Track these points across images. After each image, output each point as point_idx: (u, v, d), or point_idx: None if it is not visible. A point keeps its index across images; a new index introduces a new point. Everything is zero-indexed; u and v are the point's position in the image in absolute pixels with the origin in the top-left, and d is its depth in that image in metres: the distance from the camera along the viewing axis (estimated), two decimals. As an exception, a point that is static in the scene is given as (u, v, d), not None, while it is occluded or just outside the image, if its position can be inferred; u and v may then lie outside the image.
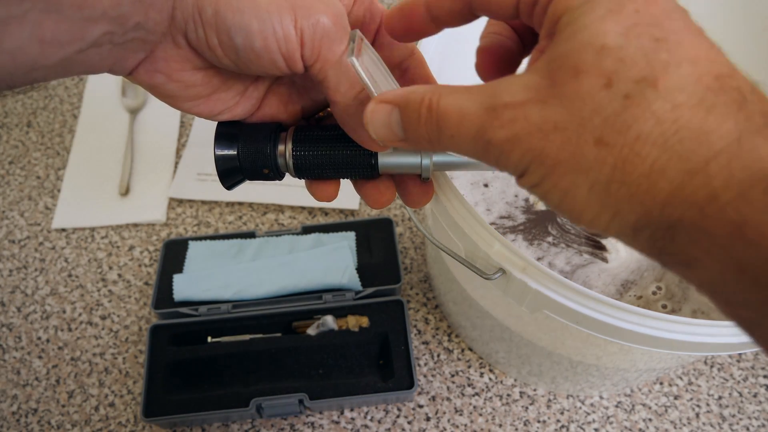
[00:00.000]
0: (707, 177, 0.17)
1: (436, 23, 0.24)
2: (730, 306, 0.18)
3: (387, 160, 0.29)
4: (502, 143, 0.19)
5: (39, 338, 0.55)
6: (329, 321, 0.50)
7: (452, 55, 0.44)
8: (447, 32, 0.42)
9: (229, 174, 0.29)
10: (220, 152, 0.29)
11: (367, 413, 0.49)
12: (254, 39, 0.23)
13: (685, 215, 0.17)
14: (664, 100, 0.17)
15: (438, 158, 0.29)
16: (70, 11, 0.21)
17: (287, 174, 0.30)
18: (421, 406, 0.49)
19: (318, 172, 0.29)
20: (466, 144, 0.21)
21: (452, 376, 0.51)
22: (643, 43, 0.18)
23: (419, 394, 0.50)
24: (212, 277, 0.54)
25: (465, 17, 0.23)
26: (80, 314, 0.56)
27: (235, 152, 0.29)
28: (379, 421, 0.49)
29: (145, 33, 0.23)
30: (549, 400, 0.49)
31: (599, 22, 0.18)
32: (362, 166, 0.29)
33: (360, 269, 0.54)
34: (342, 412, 0.49)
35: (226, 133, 0.29)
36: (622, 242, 0.20)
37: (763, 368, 0.51)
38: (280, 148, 0.29)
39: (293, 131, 0.29)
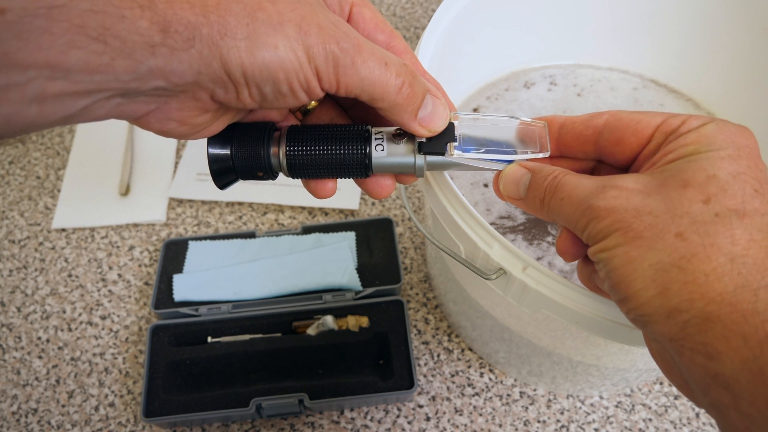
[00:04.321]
0: (755, 296, 0.21)
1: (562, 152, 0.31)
2: (734, 398, 0.20)
3: (381, 159, 0.29)
4: (599, 209, 0.24)
5: (39, 338, 0.55)
6: (329, 321, 0.50)
7: (451, 53, 0.44)
8: (445, 30, 0.42)
9: (223, 174, 0.29)
10: (213, 152, 0.28)
11: (367, 413, 0.49)
12: (281, 85, 0.24)
13: (726, 316, 0.21)
14: (744, 230, 0.22)
15: (431, 158, 0.29)
16: (79, 77, 0.20)
17: (282, 174, 0.30)
18: (421, 406, 0.49)
19: (312, 171, 0.29)
20: (570, 206, 0.25)
21: (452, 376, 0.51)
22: (745, 188, 0.22)
23: (419, 394, 0.50)
24: (212, 277, 0.54)
25: (588, 155, 0.30)
26: (80, 314, 0.56)
27: (229, 152, 0.28)
28: (379, 421, 0.49)
29: (162, 91, 0.23)
30: (549, 400, 0.49)
31: (718, 160, 0.23)
32: (356, 166, 0.29)
33: (360, 269, 0.54)
34: (342, 412, 0.49)
35: (219, 133, 0.29)
36: (644, 321, 0.23)
37: (763, 368, 0.51)
38: (274, 148, 0.28)
39: (287, 131, 0.29)
